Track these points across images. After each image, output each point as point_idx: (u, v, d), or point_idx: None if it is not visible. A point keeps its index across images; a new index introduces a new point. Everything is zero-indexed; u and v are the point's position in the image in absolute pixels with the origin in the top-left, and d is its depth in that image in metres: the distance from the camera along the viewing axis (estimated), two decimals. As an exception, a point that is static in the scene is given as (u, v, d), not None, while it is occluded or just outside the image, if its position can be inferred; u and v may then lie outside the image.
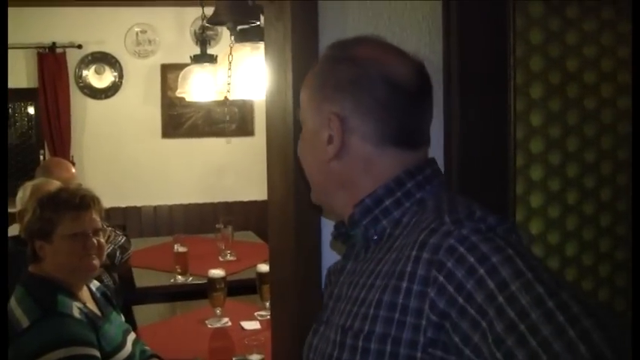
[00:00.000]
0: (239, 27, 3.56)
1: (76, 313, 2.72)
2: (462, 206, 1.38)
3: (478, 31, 2.15)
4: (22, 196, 3.95)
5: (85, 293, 2.95)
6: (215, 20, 3.70)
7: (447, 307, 1.22)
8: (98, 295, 3.07)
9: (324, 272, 2.03)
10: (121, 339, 2.92)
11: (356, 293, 1.41)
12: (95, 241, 2.93)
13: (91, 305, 2.93)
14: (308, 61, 2.07)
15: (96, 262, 2.94)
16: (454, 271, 1.22)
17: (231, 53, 3.49)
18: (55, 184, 3.92)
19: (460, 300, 1.21)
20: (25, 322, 2.63)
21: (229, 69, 3.51)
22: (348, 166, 1.50)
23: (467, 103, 2.12)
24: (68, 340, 2.61)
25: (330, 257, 2.06)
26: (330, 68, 1.52)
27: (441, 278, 1.23)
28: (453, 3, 2.12)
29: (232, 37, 3.56)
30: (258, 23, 3.54)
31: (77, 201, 2.91)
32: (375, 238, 1.47)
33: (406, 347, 1.27)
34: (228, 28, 3.60)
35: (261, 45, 3.59)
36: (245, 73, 3.56)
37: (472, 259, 1.21)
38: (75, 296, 2.83)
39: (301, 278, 2.12)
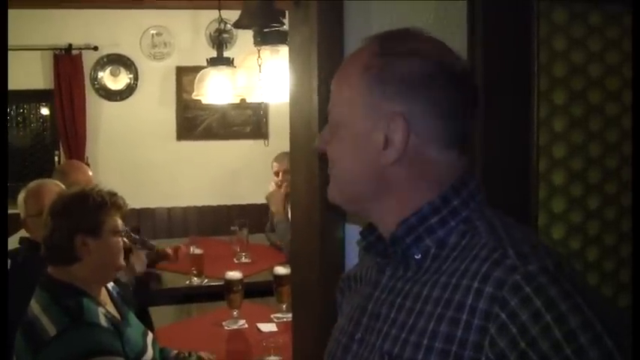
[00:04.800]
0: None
1: (103, 321, 2.71)
2: (519, 234, 1.32)
3: (502, 36, 2.16)
4: (22, 202, 3.94)
5: (103, 295, 2.96)
6: (241, 23, 3.72)
7: (507, 349, 1.18)
8: (114, 294, 3.08)
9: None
10: (142, 343, 2.92)
11: (402, 317, 1.34)
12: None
13: (110, 307, 2.93)
14: (334, 65, 2.07)
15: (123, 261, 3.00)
16: (518, 312, 1.17)
17: (259, 56, 3.51)
18: (54, 186, 3.93)
19: (522, 344, 1.16)
20: (52, 331, 2.60)
21: (260, 72, 3.54)
22: (406, 171, 1.37)
23: (490, 108, 2.13)
24: (96, 350, 2.59)
25: (354, 259, 2.06)
26: (390, 63, 1.36)
27: (503, 316, 1.18)
28: (478, 8, 2.13)
29: (258, 40, 3.59)
30: (278, 27, 3.56)
31: (120, 201, 2.96)
32: (418, 257, 1.38)
33: None
34: (254, 32, 3.62)
35: (281, 48, 3.61)
36: (266, 77, 3.59)
37: (538, 303, 1.17)
38: (97, 300, 2.83)
39: (324, 281, 2.13)
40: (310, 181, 2.14)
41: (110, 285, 3.10)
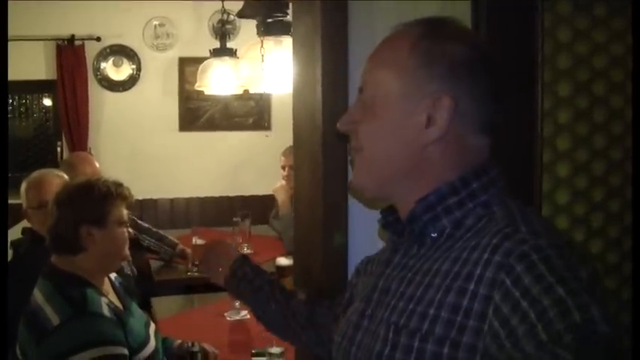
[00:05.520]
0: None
1: (106, 311, 2.72)
2: (536, 219, 1.34)
3: (506, 29, 2.16)
4: (23, 193, 3.93)
5: (106, 285, 2.96)
6: (244, 13, 3.71)
7: (510, 313, 1.17)
8: (117, 284, 3.08)
9: (351, 267, 2.04)
10: (145, 333, 2.92)
11: (410, 291, 1.36)
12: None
13: (113, 297, 2.93)
14: (338, 56, 2.08)
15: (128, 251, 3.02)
16: (522, 276, 1.17)
17: (262, 46, 3.51)
18: (55, 177, 3.92)
19: (524, 304, 1.15)
20: (55, 320, 2.60)
21: (262, 61, 3.54)
22: (441, 152, 1.40)
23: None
24: (99, 340, 2.60)
25: (357, 252, 2.06)
26: (437, 46, 1.39)
27: (508, 282, 1.18)
28: (482, 6, 2.13)
29: (261, 30, 3.58)
30: (282, 17, 3.56)
31: (125, 192, 2.96)
32: (434, 235, 1.40)
33: (465, 351, 1.22)
34: (258, 22, 3.61)
35: (284, 39, 3.61)
36: (270, 67, 3.58)
37: (543, 268, 1.16)
38: (100, 291, 2.84)
39: (327, 274, 2.13)
40: (314, 172, 2.13)
41: (113, 275, 3.10)
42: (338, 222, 2.11)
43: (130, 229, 3.04)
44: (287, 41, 3.54)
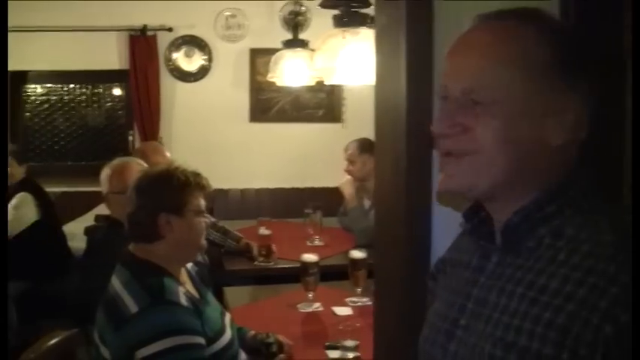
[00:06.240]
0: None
1: (183, 300, 2.73)
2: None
3: (596, 21, 2.11)
4: (105, 178, 3.98)
5: (183, 274, 2.98)
6: (326, 4, 3.69)
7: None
8: (193, 273, 3.10)
9: (434, 262, 2.01)
10: (221, 323, 2.93)
11: (513, 304, 1.30)
12: None
13: (190, 286, 2.95)
14: (423, 47, 2.05)
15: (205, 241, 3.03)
16: (617, 337, 1.14)
17: (344, 37, 3.50)
18: (137, 165, 3.97)
19: None
20: (133, 308, 2.63)
21: (341, 53, 3.53)
22: (562, 154, 1.33)
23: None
24: (176, 328, 2.62)
25: (440, 246, 2.03)
26: (559, 41, 1.33)
27: (609, 335, 1.15)
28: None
29: (344, 21, 3.57)
30: (360, 8, 3.55)
31: (204, 181, 2.99)
32: (531, 245, 1.33)
33: None
34: (340, 12, 3.59)
35: (361, 30, 3.59)
36: (346, 59, 3.56)
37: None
38: (178, 279, 2.86)
39: (411, 268, 2.10)
40: (397, 164, 2.10)
41: (189, 265, 3.11)
42: (422, 214, 2.08)
43: (207, 220, 3.06)
44: (364, 33, 3.53)
